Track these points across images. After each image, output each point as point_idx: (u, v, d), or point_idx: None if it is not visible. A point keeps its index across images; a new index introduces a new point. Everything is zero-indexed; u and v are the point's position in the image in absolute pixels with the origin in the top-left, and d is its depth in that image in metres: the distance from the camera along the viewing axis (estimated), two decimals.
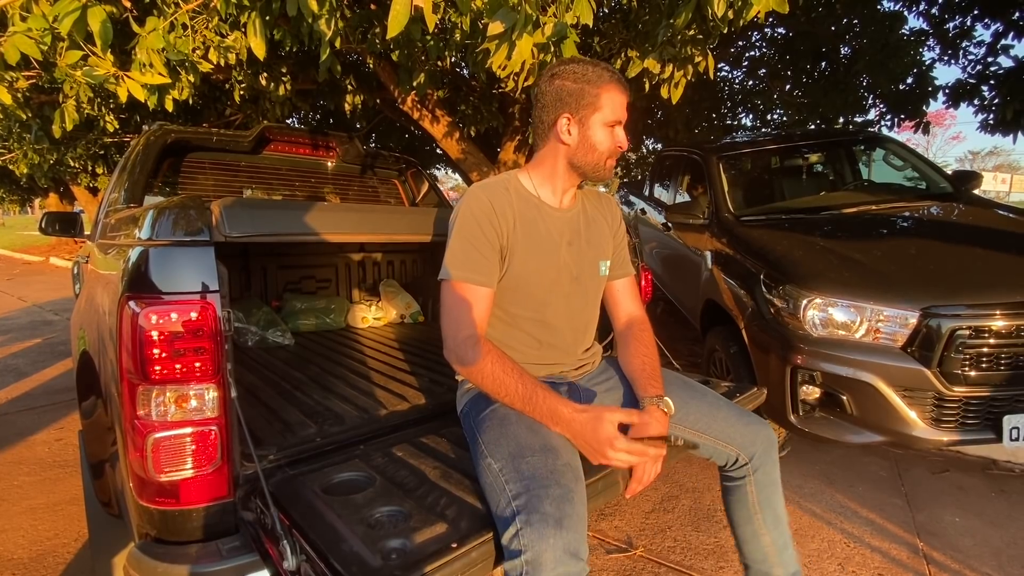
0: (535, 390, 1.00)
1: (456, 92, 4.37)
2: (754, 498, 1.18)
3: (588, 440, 0.95)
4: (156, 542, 0.98)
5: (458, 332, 1.06)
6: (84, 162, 5.95)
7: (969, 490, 2.13)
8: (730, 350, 2.37)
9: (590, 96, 1.10)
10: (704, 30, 2.14)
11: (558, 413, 0.98)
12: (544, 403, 0.99)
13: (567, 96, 1.11)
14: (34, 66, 2.49)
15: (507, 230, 1.13)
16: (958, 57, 4.73)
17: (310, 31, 2.10)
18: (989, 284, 1.86)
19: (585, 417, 0.95)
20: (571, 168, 1.17)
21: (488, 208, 1.11)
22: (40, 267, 10.74)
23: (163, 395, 0.94)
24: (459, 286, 1.09)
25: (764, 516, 1.19)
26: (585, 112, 1.11)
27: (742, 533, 1.22)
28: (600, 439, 0.93)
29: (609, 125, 1.12)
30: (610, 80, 1.11)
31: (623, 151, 1.17)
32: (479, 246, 1.10)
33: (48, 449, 2.57)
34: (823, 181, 3.58)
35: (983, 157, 33.89)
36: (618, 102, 1.12)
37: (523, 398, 1.00)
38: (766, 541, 1.19)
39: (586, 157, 1.14)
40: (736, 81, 6.89)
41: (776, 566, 1.19)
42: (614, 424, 0.93)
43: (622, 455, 0.92)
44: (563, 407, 0.98)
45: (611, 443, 0.91)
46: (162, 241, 0.96)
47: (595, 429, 0.93)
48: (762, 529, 1.19)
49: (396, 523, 0.87)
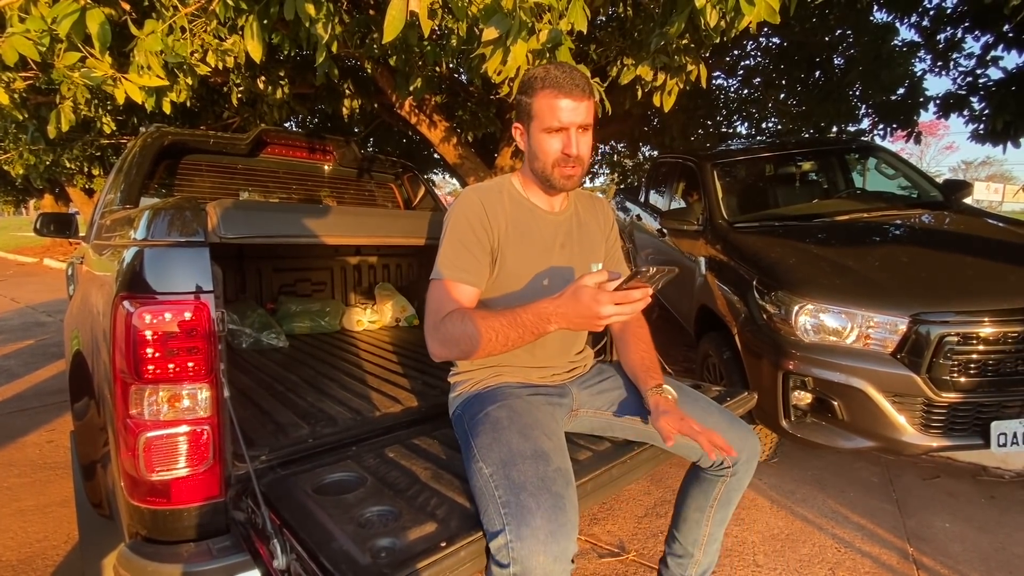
0: (515, 312, 0.99)
1: (454, 97, 4.39)
2: (718, 495, 1.24)
3: (577, 312, 0.92)
4: (146, 542, 0.98)
5: (436, 319, 1.06)
6: (80, 163, 5.94)
7: (959, 496, 2.14)
8: (723, 356, 2.38)
9: (525, 106, 1.12)
10: (697, 39, 2.17)
11: (542, 311, 0.96)
12: (527, 313, 0.98)
13: (518, 107, 1.16)
14: (32, 67, 2.50)
15: (498, 232, 1.14)
16: (949, 68, 4.78)
17: (308, 35, 2.12)
18: (978, 291, 1.89)
19: (565, 295, 0.94)
20: (533, 174, 1.19)
21: (480, 210, 1.13)
22: (34, 268, 10.68)
23: (156, 394, 0.94)
24: (446, 284, 1.10)
25: (716, 512, 1.25)
26: (526, 121, 1.14)
27: (687, 515, 1.29)
28: (585, 304, 0.90)
29: (548, 131, 1.09)
30: (543, 87, 1.08)
31: (572, 157, 1.10)
32: (470, 247, 1.11)
33: (39, 451, 2.56)
34: (816, 189, 3.61)
35: (976, 167, 34.25)
36: (550, 107, 1.07)
37: (510, 324, 0.98)
38: (704, 531, 1.27)
39: (534, 164, 1.16)
40: (731, 89, 6.95)
41: (700, 551, 1.29)
42: (591, 286, 0.91)
43: (611, 308, 0.89)
44: (543, 304, 0.96)
45: (596, 301, 0.89)
46: (157, 242, 0.96)
47: (576, 299, 0.91)
48: (707, 520, 1.26)
49: (386, 522, 0.88)
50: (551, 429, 1.06)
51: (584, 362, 1.33)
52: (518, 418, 1.05)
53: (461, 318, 1.03)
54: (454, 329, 1.02)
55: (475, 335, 1.00)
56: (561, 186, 1.15)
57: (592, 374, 1.32)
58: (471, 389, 1.19)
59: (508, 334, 0.99)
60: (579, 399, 1.25)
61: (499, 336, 0.99)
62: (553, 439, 1.03)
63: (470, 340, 1.00)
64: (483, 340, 0.99)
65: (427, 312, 1.11)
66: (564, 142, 1.10)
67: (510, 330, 0.99)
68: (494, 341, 1.00)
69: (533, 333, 0.99)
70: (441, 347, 1.06)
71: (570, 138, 1.09)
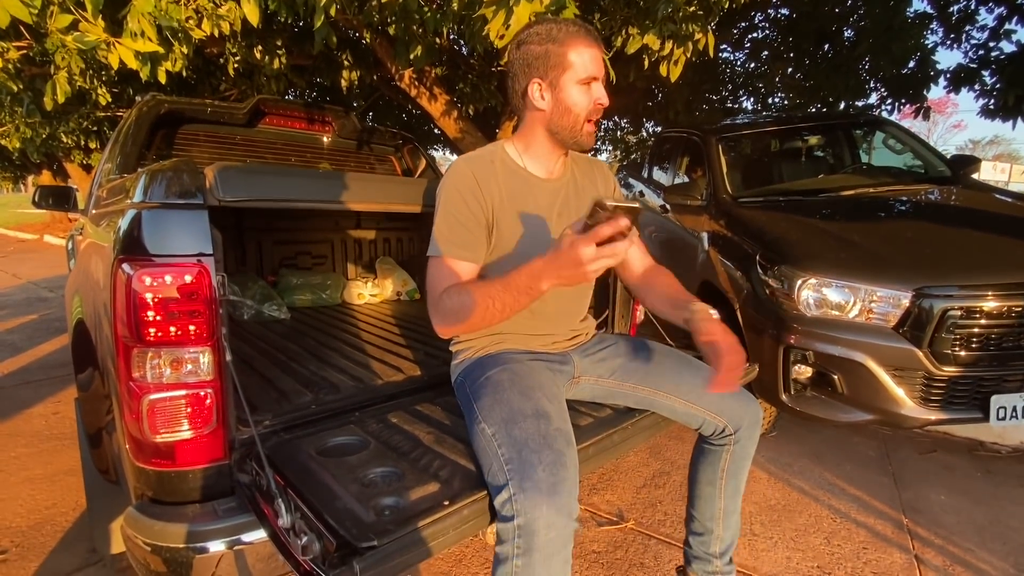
0: (508, 276, 0.96)
1: (454, 70, 4.30)
2: (725, 466, 1.23)
3: (563, 263, 0.87)
4: (153, 503, 0.99)
5: (436, 292, 1.06)
6: (77, 137, 5.87)
7: (956, 470, 2.16)
8: None
9: (556, 56, 1.05)
10: (705, 6, 2.12)
11: (533, 269, 0.93)
12: (520, 276, 0.94)
13: (534, 60, 1.07)
14: (26, 36, 2.44)
15: (492, 203, 1.11)
16: (961, 41, 4.68)
17: (305, 1, 2.06)
18: (982, 265, 1.87)
19: (551, 253, 0.90)
20: (550, 135, 1.13)
21: (472, 182, 1.10)
22: (34, 245, 10.66)
23: (158, 357, 0.94)
24: (446, 261, 1.09)
25: (727, 484, 1.24)
26: (555, 73, 1.06)
27: (700, 491, 1.29)
28: (566, 253, 0.86)
29: (583, 82, 1.06)
30: (576, 35, 1.05)
31: (604, 108, 1.10)
32: (464, 221, 1.09)
33: (45, 422, 2.59)
34: (822, 164, 3.56)
35: (983, 146, 33.77)
36: (588, 56, 1.06)
37: (504, 288, 0.96)
38: (719, 505, 1.26)
39: (562, 121, 1.09)
40: (738, 63, 6.82)
41: (719, 526, 1.28)
42: (571, 236, 0.86)
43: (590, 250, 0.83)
44: (534, 263, 0.93)
45: (573, 247, 0.84)
46: (155, 204, 0.95)
47: (558, 250, 0.87)
48: (720, 494, 1.25)
49: (390, 483, 0.89)
50: (552, 392, 1.06)
51: (586, 330, 1.33)
52: (519, 380, 1.05)
53: (458, 291, 1.02)
54: (452, 302, 1.02)
55: (472, 304, 0.99)
56: (588, 142, 1.12)
57: (594, 342, 1.32)
58: (473, 356, 1.19)
59: (504, 299, 0.97)
60: (581, 367, 1.25)
61: (495, 302, 0.97)
62: (554, 402, 1.03)
63: (468, 310, 0.99)
64: (480, 308, 0.98)
65: (428, 290, 1.10)
66: (599, 93, 1.07)
67: (505, 294, 0.97)
68: (492, 308, 0.98)
69: (528, 295, 0.96)
70: (443, 322, 1.06)
71: (601, 88, 1.08)
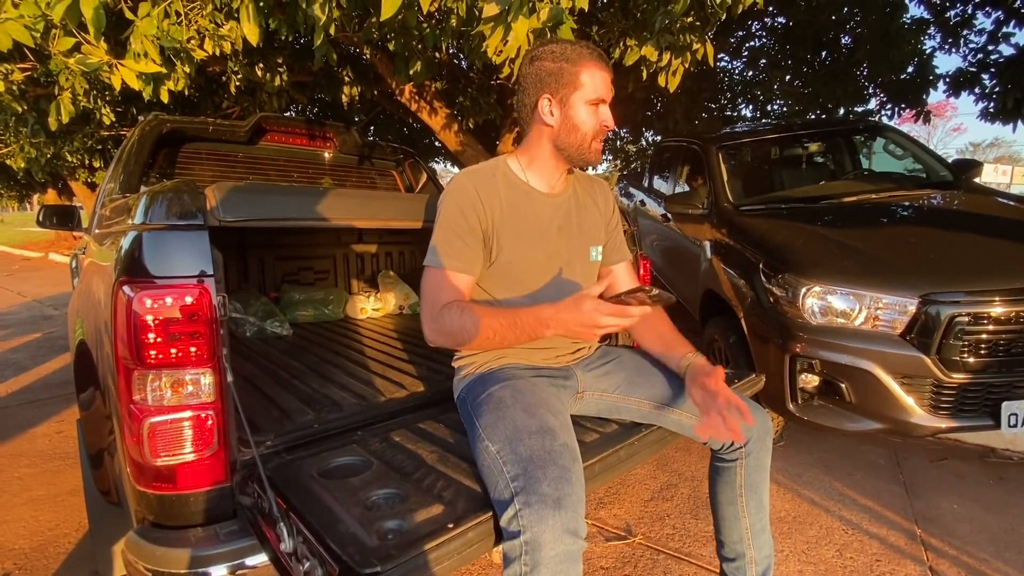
0: (516, 313, 1.02)
1: (454, 84, 4.34)
2: (741, 481, 1.20)
3: (577, 321, 0.95)
4: (154, 527, 0.98)
5: (434, 307, 1.07)
6: (81, 156, 5.92)
7: (967, 478, 2.13)
8: (729, 340, 2.37)
9: (569, 75, 1.08)
10: (702, 16, 2.13)
11: (542, 316, 0.99)
12: (528, 317, 1.00)
13: (547, 77, 1.10)
14: (30, 58, 2.48)
15: (492, 217, 1.12)
16: (959, 46, 4.69)
17: (305, 18, 2.08)
18: (988, 271, 1.86)
19: (565, 304, 0.97)
20: (556, 151, 1.15)
21: (473, 196, 1.11)
22: (39, 263, 10.73)
23: (159, 380, 0.93)
24: (439, 273, 1.09)
25: (748, 500, 1.21)
26: (566, 92, 1.09)
27: (723, 512, 1.25)
28: (586, 313, 0.93)
29: (591, 103, 1.10)
30: (589, 57, 1.09)
31: (609, 130, 1.14)
32: (462, 234, 1.10)
33: (48, 441, 2.58)
34: (823, 170, 3.56)
35: (984, 149, 33.77)
36: (599, 79, 1.09)
37: (509, 325, 1.02)
38: (745, 524, 1.22)
39: (569, 138, 1.12)
40: (736, 72, 6.86)
41: (750, 548, 1.23)
42: (592, 297, 0.94)
43: (610, 319, 0.93)
44: (544, 309, 0.99)
45: (597, 312, 0.92)
46: (156, 225, 0.95)
47: (577, 310, 0.94)
48: (743, 512, 1.21)
49: (393, 505, 0.87)
50: (556, 408, 1.05)
51: (589, 344, 1.32)
52: (522, 396, 1.04)
53: (460, 312, 1.03)
54: (452, 322, 1.04)
55: (473, 331, 1.02)
56: (594, 160, 1.15)
57: (597, 356, 1.30)
58: (475, 372, 1.18)
59: (506, 335, 1.02)
60: (584, 381, 1.24)
61: (496, 335, 1.02)
62: (558, 418, 1.02)
63: (467, 335, 1.03)
64: (480, 337, 1.03)
65: (423, 299, 1.12)
66: (605, 115, 1.11)
67: (508, 331, 1.02)
68: (491, 339, 1.03)
69: (530, 336, 1.02)
70: (437, 336, 1.08)
71: (608, 111, 1.11)
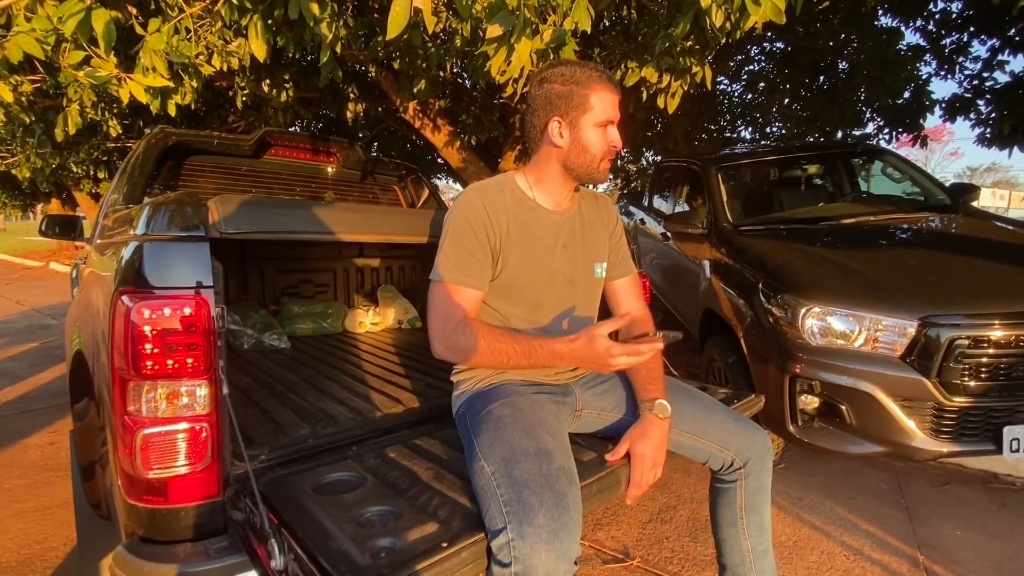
0: (530, 343, 1.05)
1: (457, 102, 4.40)
2: (742, 502, 1.19)
3: (590, 358, 1.00)
4: (143, 541, 0.96)
5: (446, 324, 1.08)
6: (87, 167, 5.98)
7: (970, 503, 2.10)
8: (729, 359, 2.36)
9: (579, 97, 1.10)
10: (702, 40, 2.17)
11: (556, 351, 1.03)
12: (542, 349, 1.04)
13: (556, 99, 1.11)
14: (39, 70, 2.51)
15: (500, 232, 1.13)
16: (955, 72, 4.77)
17: (312, 36, 2.12)
18: (988, 294, 1.86)
19: (580, 342, 1.00)
20: (565, 171, 1.16)
21: (481, 211, 1.12)
22: (40, 272, 10.74)
23: (154, 391, 0.93)
24: (449, 288, 1.09)
25: (749, 522, 1.20)
26: (575, 114, 1.11)
27: (724, 535, 1.24)
28: (598, 352, 0.97)
29: (600, 125, 1.12)
30: (599, 80, 1.10)
31: (618, 151, 1.17)
32: (471, 249, 1.10)
33: (41, 453, 2.55)
34: (821, 192, 3.59)
35: (981, 173, 34.06)
36: (608, 101, 1.11)
37: (523, 354, 1.05)
38: (746, 546, 1.21)
39: (579, 159, 1.13)
40: (735, 94, 6.95)
41: (753, 571, 1.21)
42: (605, 336, 0.98)
43: (623, 359, 0.98)
44: (558, 344, 1.03)
45: (609, 352, 0.97)
46: (157, 236, 0.95)
47: (591, 347, 0.98)
48: (744, 534, 1.20)
49: (386, 522, 0.86)
50: (554, 428, 1.04)
51: None
52: (521, 416, 1.03)
53: (472, 332, 1.04)
54: (465, 342, 1.05)
55: (487, 355, 1.05)
56: (602, 179, 1.18)
57: (595, 375, 1.30)
58: (474, 387, 1.17)
59: (519, 362, 1.06)
60: (582, 400, 1.23)
61: (508, 361, 1.06)
62: (556, 438, 1.01)
63: (478, 356, 1.05)
64: (491, 360, 1.06)
65: (431, 314, 1.11)
66: (614, 136, 1.14)
67: (520, 359, 1.05)
68: (504, 363, 1.07)
69: (543, 365, 1.07)
70: (447, 351, 1.09)
71: (616, 132, 1.14)
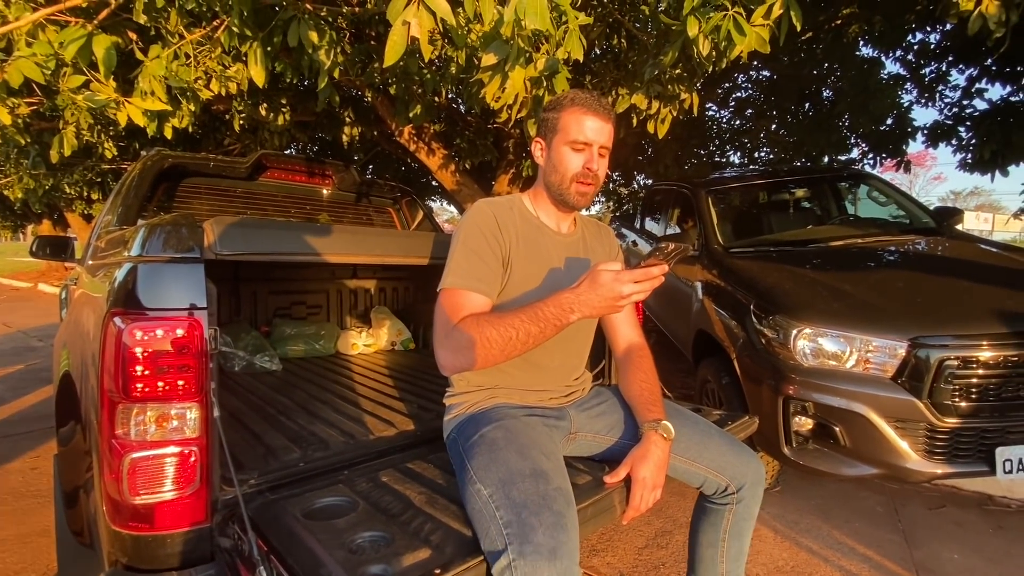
0: (534, 307, 0.97)
1: (452, 126, 4.47)
2: (727, 526, 1.19)
3: (598, 295, 0.92)
4: (127, 570, 0.93)
5: (449, 324, 1.03)
6: (80, 188, 5.97)
7: (967, 526, 2.09)
8: (722, 381, 2.36)
9: (553, 120, 1.15)
10: (689, 68, 2.23)
11: (563, 301, 0.95)
12: (549, 307, 0.95)
13: (542, 124, 1.19)
14: (37, 93, 2.53)
15: (509, 243, 1.14)
16: (935, 100, 4.93)
17: (310, 63, 2.16)
18: (975, 315, 1.88)
19: (583, 284, 0.94)
20: (547, 190, 1.20)
21: (492, 220, 1.14)
22: (28, 293, 10.61)
23: (143, 413, 0.91)
24: (456, 293, 1.07)
25: (729, 545, 1.20)
26: (551, 135, 1.16)
27: (702, 554, 1.23)
28: (606, 285, 0.91)
29: (571, 146, 1.12)
30: (574, 103, 1.13)
31: (593, 174, 1.14)
32: (483, 255, 1.10)
33: (22, 478, 2.48)
34: (809, 215, 3.65)
35: (965, 197, 34.85)
36: (582, 123, 1.11)
37: (530, 320, 0.96)
38: (721, 569, 1.21)
39: (551, 178, 1.17)
40: (724, 120, 7.12)
41: None
42: (608, 269, 0.92)
43: (632, 286, 0.90)
44: (564, 295, 0.95)
45: (617, 280, 0.90)
46: (152, 258, 0.95)
47: (596, 283, 0.92)
48: (722, 557, 1.20)
49: (378, 548, 0.84)
50: (549, 449, 1.03)
51: (583, 386, 1.31)
52: (515, 438, 1.02)
53: (476, 322, 1.00)
54: (468, 334, 0.98)
55: (493, 336, 0.96)
56: (575, 202, 1.17)
57: (590, 397, 1.30)
58: (466, 411, 1.16)
59: (529, 329, 0.96)
60: (577, 422, 1.23)
61: (519, 333, 0.96)
62: (552, 459, 1.00)
63: (487, 342, 0.96)
64: (502, 340, 0.96)
65: (436, 323, 1.07)
66: (587, 158, 1.13)
67: (531, 325, 0.96)
68: (514, 340, 0.96)
69: (555, 326, 0.96)
70: (453, 356, 1.02)
71: (592, 155, 1.13)
